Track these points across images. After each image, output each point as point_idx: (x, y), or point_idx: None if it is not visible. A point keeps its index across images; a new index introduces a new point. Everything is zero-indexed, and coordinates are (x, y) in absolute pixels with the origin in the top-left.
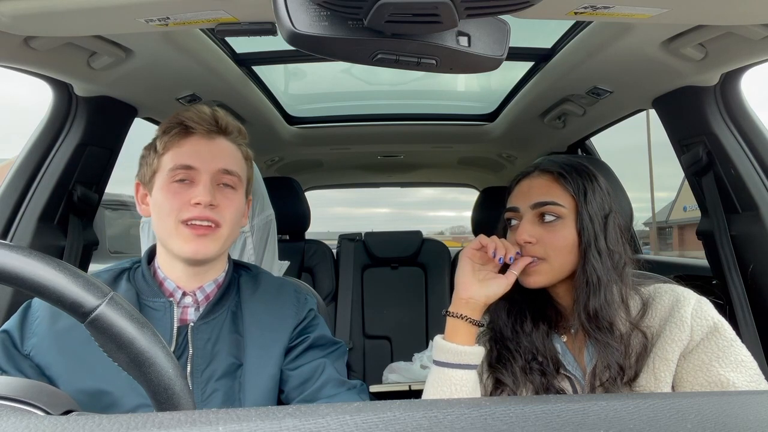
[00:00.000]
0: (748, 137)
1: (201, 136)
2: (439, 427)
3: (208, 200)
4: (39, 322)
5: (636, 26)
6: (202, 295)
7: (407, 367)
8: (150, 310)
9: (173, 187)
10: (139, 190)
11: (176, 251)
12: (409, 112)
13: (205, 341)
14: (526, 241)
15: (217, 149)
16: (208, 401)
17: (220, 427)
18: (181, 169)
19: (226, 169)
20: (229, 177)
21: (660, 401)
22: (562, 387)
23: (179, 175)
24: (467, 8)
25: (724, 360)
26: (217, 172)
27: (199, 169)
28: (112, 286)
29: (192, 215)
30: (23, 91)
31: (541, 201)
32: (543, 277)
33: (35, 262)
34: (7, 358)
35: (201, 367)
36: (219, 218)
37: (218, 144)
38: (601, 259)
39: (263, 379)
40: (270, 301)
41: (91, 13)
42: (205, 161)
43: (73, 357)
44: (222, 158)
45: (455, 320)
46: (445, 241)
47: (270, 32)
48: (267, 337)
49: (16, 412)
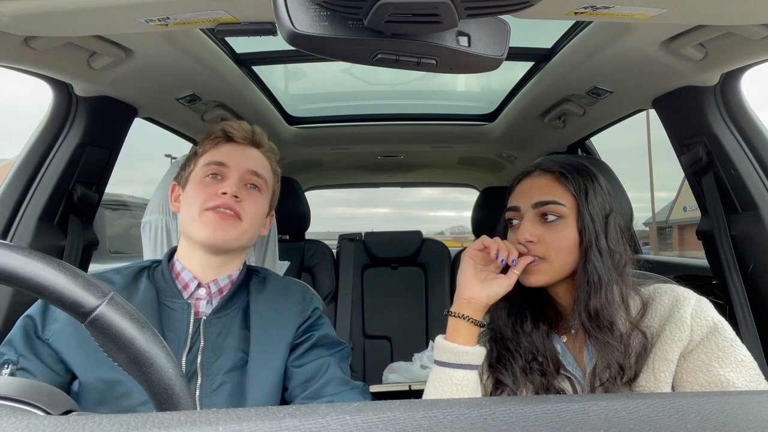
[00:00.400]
0: (748, 137)
1: (237, 143)
2: (439, 427)
3: (234, 191)
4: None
5: (636, 26)
6: (216, 288)
7: (407, 367)
8: (169, 310)
9: (205, 180)
10: (174, 190)
11: (196, 236)
12: (409, 112)
13: (216, 335)
14: (528, 241)
15: (249, 154)
16: (216, 393)
17: (220, 427)
18: (214, 164)
19: (254, 170)
20: (256, 178)
21: (660, 401)
22: (562, 387)
23: (212, 170)
24: (467, 8)
25: (724, 360)
26: (245, 171)
27: (230, 166)
28: (133, 282)
29: (216, 203)
30: (23, 92)
31: (542, 200)
32: (544, 276)
33: (35, 262)
34: (26, 343)
35: (211, 360)
36: (241, 211)
37: (251, 151)
38: (602, 259)
39: (268, 374)
40: (276, 299)
41: (91, 13)
42: (236, 161)
43: (92, 344)
44: (252, 161)
45: (457, 320)
46: (445, 241)
47: (270, 32)
48: (272, 334)
49: (16, 412)
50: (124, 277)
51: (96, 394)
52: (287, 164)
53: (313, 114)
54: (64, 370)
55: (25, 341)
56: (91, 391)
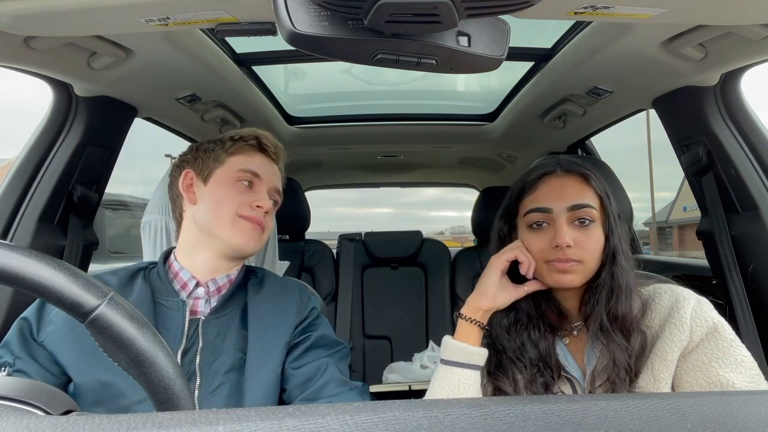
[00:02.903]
0: (748, 137)
1: (268, 156)
2: (439, 427)
3: (269, 206)
4: (57, 311)
5: (636, 26)
6: (214, 287)
7: (407, 367)
8: (164, 308)
9: (238, 185)
10: (187, 178)
11: (227, 238)
12: (409, 112)
13: (214, 336)
14: (568, 245)
15: (275, 170)
16: (215, 394)
17: (220, 427)
18: (249, 173)
19: (278, 188)
20: (277, 195)
21: (660, 401)
22: (562, 389)
23: (247, 177)
24: (467, 8)
25: (724, 360)
26: (272, 188)
27: (263, 179)
28: (128, 283)
29: (251, 214)
30: (24, 92)
31: (578, 203)
32: (579, 278)
33: (35, 262)
34: (22, 345)
35: (209, 360)
36: (266, 224)
37: (276, 167)
38: (626, 262)
39: (266, 374)
40: (273, 298)
41: (91, 13)
42: (268, 175)
43: (87, 346)
44: (277, 178)
45: (468, 323)
46: (445, 241)
47: (270, 32)
48: (270, 333)
49: (16, 412)
50: (120, 278)
51: (91, 394)
52: (287, 164)
53: (313, 114)
54: (60, 372)
55: (21, 343)
56: (86, 391)
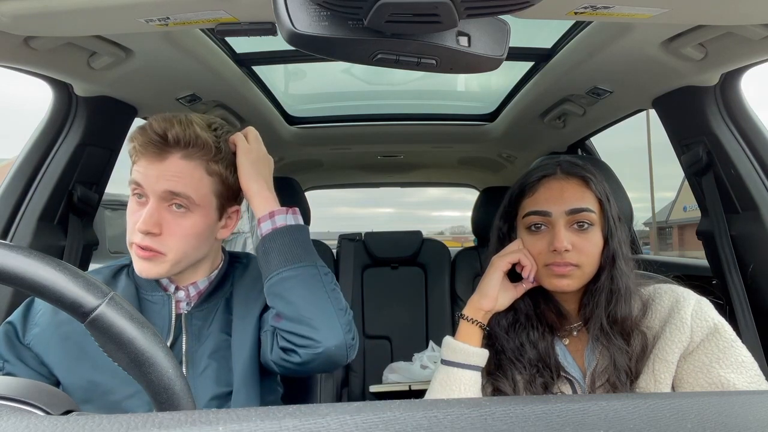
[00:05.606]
0: (748, 137)
1: (153, 152)
2: (439, 427)
3: (147, 227)
4: (42, 314)
5: (636, 26)
6: (195, 291)
7: (407, 367)
8: (149, 303)
9: (132, 203)
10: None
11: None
12: (409, 112)
13: (199, 327)
14: (566, 249)
15: (164, 169)
16: (202, 376)
17: (220, 427)
18: (134, 184)
19: (171, 190)
20: (177, 199)
21: (660, 401)
22: (562, 389)
23: (136, 191)
24: (467, 8)
25: (725, 361)
26: (162, 193)
27: (146, 188)
28: (112, 281)
29: (136, 241)
30: (24, 92)
31: (577, 207)
32: (576, 282)
33: (35, 262)
34: (9, 349)
35: (195, 348)
36: (160, 247)
37: (167, 163)
38: (626, 265)
39: (248, 344)
40: (256, 276)
41: (91, 13)
42: (150, 183)
43: (73, 346)
44: (166, 179)
45: (470, 324)
46: (445, 241)
47: (270, 32)
48: (249, 306)
49: (16, 412)
50: (104, 276)
51: (81, 393)
52: (287, 164)
53: (313, 114)
54: (50, 373)
55: (8, 347)
56: (75, 390)
